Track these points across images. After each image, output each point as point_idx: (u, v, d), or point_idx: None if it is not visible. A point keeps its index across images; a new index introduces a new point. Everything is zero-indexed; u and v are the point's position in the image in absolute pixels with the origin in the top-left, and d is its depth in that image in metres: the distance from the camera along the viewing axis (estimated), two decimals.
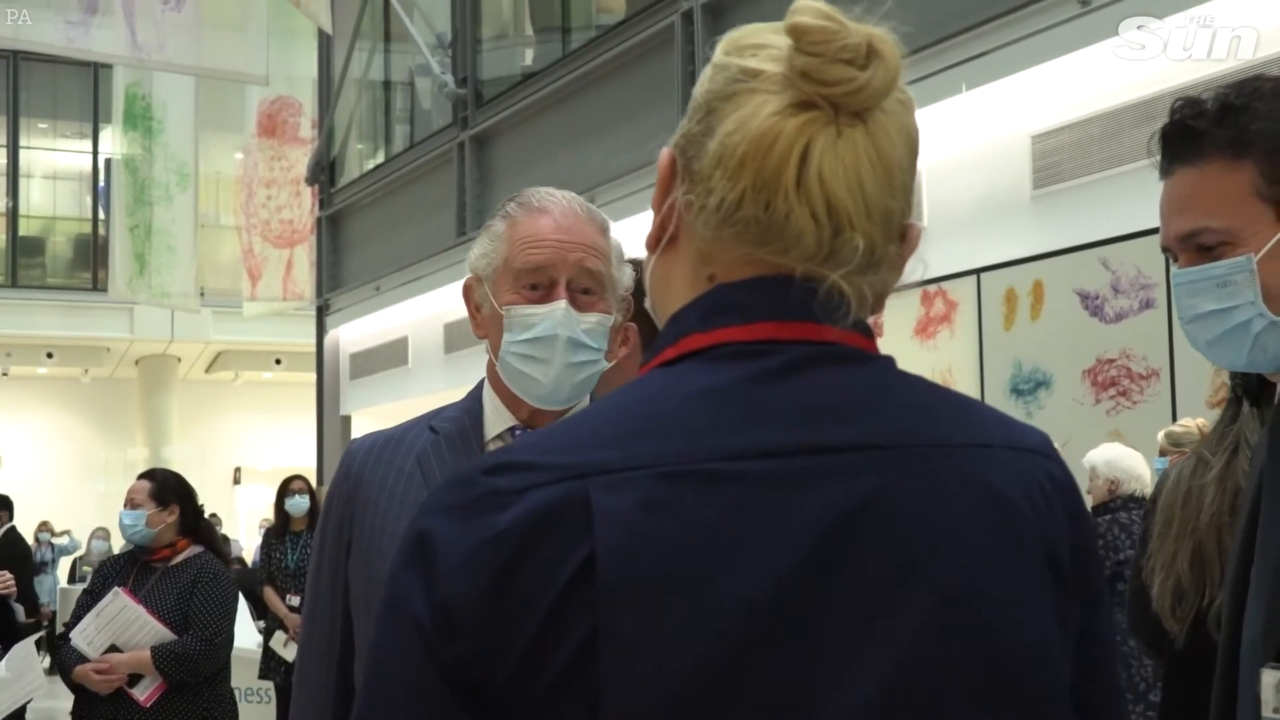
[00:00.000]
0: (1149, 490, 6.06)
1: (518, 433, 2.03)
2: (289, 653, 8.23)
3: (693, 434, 0.99)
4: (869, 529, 0.98)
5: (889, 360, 1.07)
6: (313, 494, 8.77)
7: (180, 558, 5.31)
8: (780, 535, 0.96)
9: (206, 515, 5.66)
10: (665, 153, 1.10)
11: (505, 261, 1.99)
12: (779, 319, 1.03)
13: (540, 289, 1.97)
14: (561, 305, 1.96)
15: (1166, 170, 1.76)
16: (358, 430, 16.02)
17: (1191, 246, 1.72)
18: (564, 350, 1.96)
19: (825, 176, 1.01)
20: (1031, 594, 1.02)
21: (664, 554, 0.94)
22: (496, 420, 2.05)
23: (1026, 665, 1.02)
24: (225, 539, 15.90)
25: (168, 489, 5.36)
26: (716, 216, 1.03)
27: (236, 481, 25.59)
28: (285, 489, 8.76)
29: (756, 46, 1.06)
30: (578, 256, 1.97)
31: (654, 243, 1.10)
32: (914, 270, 1.10)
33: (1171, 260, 1.77)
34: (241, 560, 15.98)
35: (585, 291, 1.98)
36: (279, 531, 8.75)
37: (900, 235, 1.06)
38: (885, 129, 1.03)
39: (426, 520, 1.00)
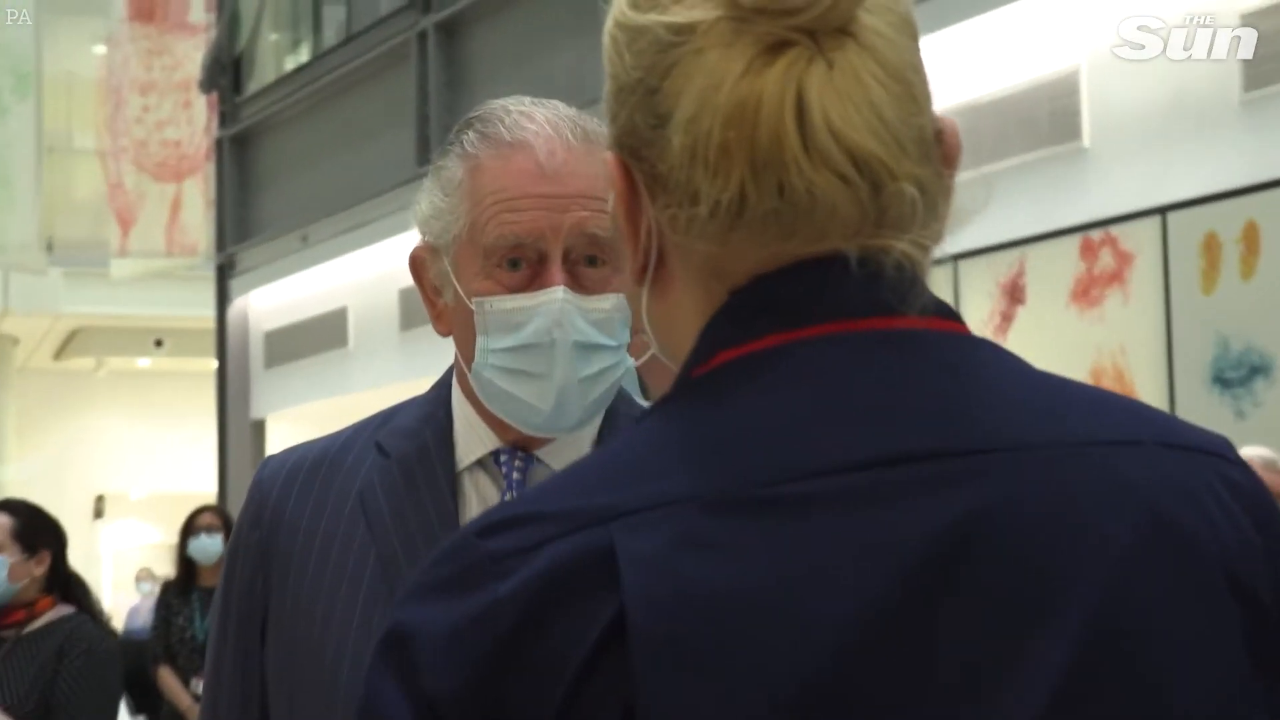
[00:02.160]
0: None
1: (503, 459, 2.00)
2: None
3: (736, 456, 1.06)
4: (978, 557, 1.04)
5: (987, 344, 1.15)
6: (229, 531, 8.75)
7: (41, 621, 5.25)
8: (862, 570, 1.02)
9: None
10: (610, 160, 1.17)
11: (470, 229, 1.94)
12: (838, 318, 1.10)
13: (525, 265, 1.93)
14: (558, 295, 1.90)
15: None
16: (275, 443, 16.06)
17: None
18: (567, 360, 1.92)
19: (836, 125, 1.07)
20: (1210, 634, 1.07)
21: (712, 605, 1.01)
22: (471, 440, 2.01)
23: None
24: None
25: (37, 528, 5.34)
26: (715, 224, 1.10)
27: (98, 514, 25.68)
28: (190, 527, 8.76)
29: None
30: (577, 217, 1.91)
31: (640, 275, 1.18)
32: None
33: None
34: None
35: (591, 261, 1.94)
36: (182, 587, 8.76)
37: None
38: (879, 31, 1.11)
39: (401, 612, 1.08)
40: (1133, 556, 1.06)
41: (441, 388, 2.08)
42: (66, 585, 5.42)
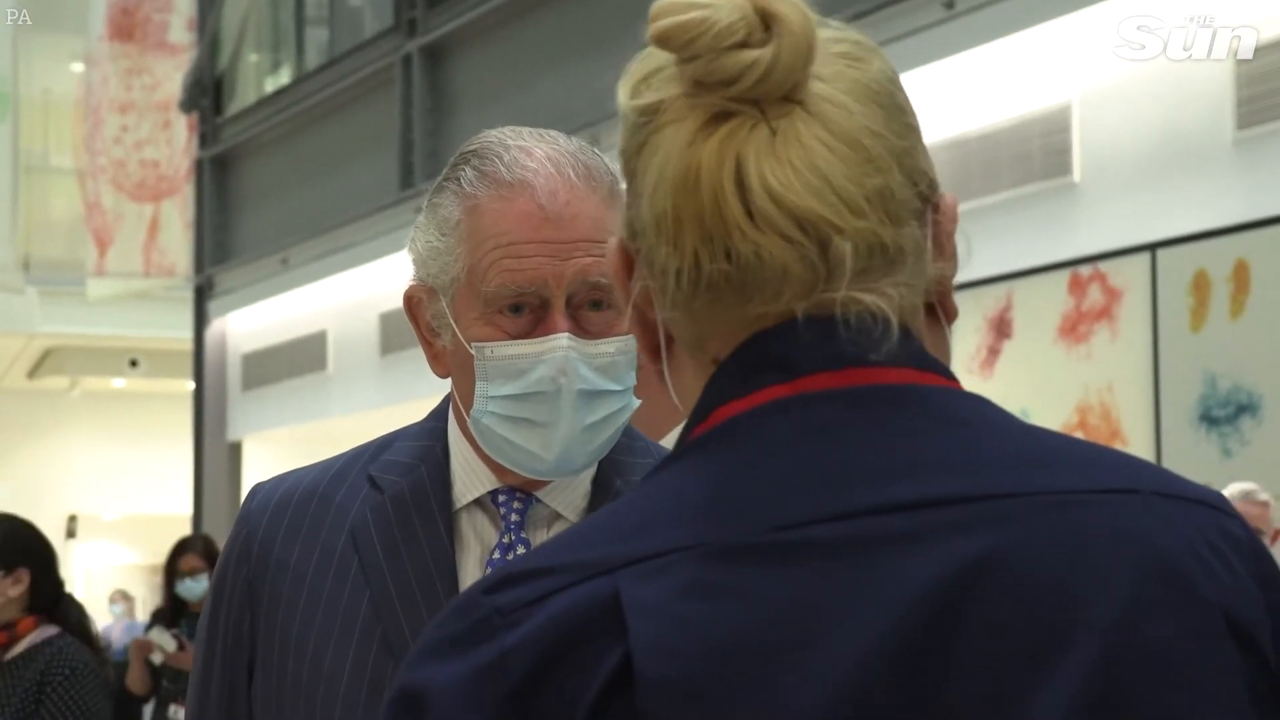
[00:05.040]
0: None
1: (502, 499, 1.97)
2: None
3: (741, 505, 1.08)
4: (989, 598, 1.06)
5: (977, 397, 1.17)
6: (215, 564, 8.76)
7: (22, 645, 5.08)
8: (873, 611, 1.04)
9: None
10: (614, 242, 1.21)
11: (469, 273, 1.89)
12: (832, 369, 1.13)
13: (527, 311, 1.89)
14: (562, 342, 1.87)
15: None
16: (252, 464, 16.02)
17: None
18: (572, 409, 1.88)
19: (774, 188, 1.10)
20: (1213, 676, 1.09)
21: (722, 648, 1.03)
22: (469, 479, 1.97)
23: None
24: None
25: (14, 545, 5.14)
26: (681, 293, 1.14)
27: (71, 534, 25.59)
28: (174, 569, 8.68)
29: (652, 74, 1.16)
30: (580, 265, 1.87)
31: (655, 354, 1.21)
32: (962, 251, 1.21)
33: None
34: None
35: (595, 305, 1.90)
36: (169, 617, 8.72)
37: (925, 207, 1.18)
38: (829, 98, 1.14)
39: (409, 673, 1.10)
40: (1136, 599, 1.08)
41: (438, 419, 2.03)
42: (54, 605, 5.22)
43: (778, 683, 1.02)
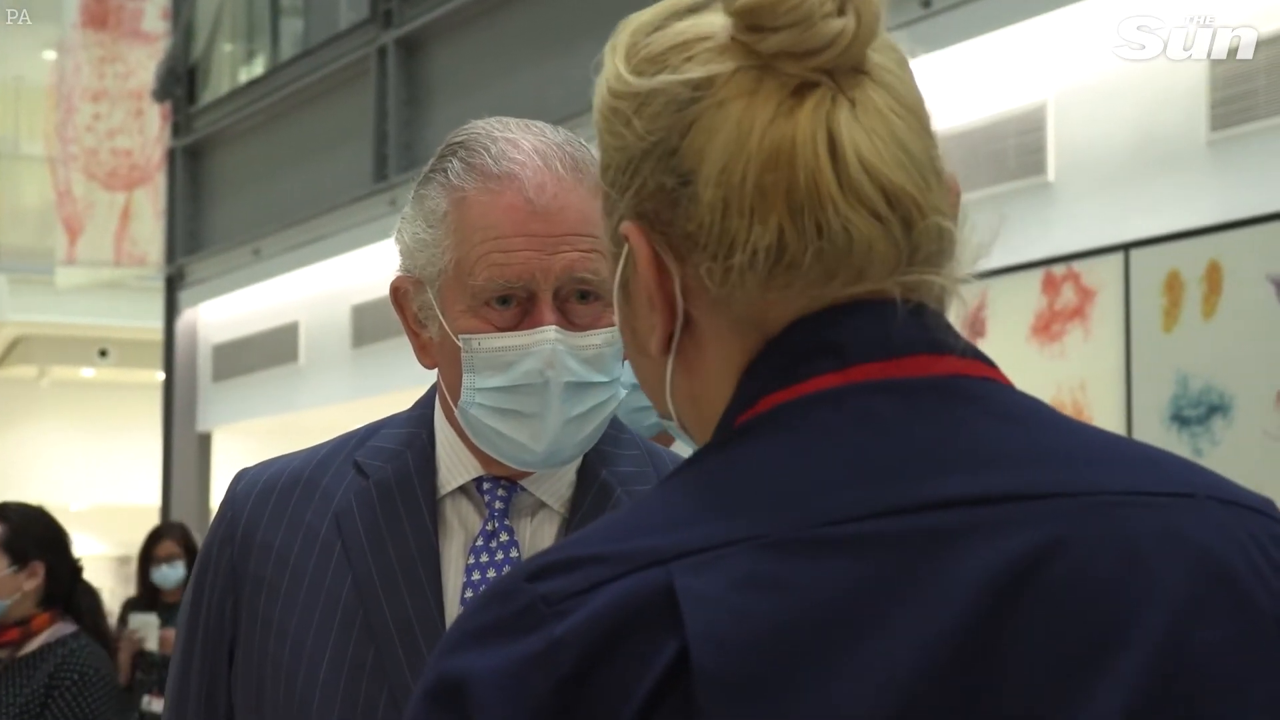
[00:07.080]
0: None
1: (486, 486, 1.99)
2: None
3: (794, 498, 1.08)
4: (1041, 598, 1.06)
5: (1026, 395, 1.18)
6: (191, 555, 8.80)
7: (36, 643, 4.96)
8: (927, 609, 1.04)
9: None
10: (629, 228, 1.18)
11: (456, 266, 1.91)
12: (884, 357, 1.13)
13: (515, 303, 1.91)
14: (549, 335, 1.89)
15: None
16: (221, 455, 15.99)
17: None
18: (560, 401, 1.90)
19: (868, 160, 1.11)
20: (1266, 682, 1.10)
21: (776, 643, 1.02)
22: (454, 466, 1.99)
23: None
24: None
25: (29, 536, 5.04)
26: (754, 273, 1.12)
27: None
28: (150, 556, 8.74)
29: (682, 47, 1.15)
30: (568, 259, 1.89)
31: (665, 345, 1.19)
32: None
33: None
34: None
35: (583, 297, 1.92)
36: (145, 605, 8.72)
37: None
38: (888, 68, 1.16)
39: (447, 660, 1.08)
40: (1190, 603, 1.08)
41: (424, 408, 2.05)
42: (69, 594, 5.12)
43: (833, 679, 1.02)
